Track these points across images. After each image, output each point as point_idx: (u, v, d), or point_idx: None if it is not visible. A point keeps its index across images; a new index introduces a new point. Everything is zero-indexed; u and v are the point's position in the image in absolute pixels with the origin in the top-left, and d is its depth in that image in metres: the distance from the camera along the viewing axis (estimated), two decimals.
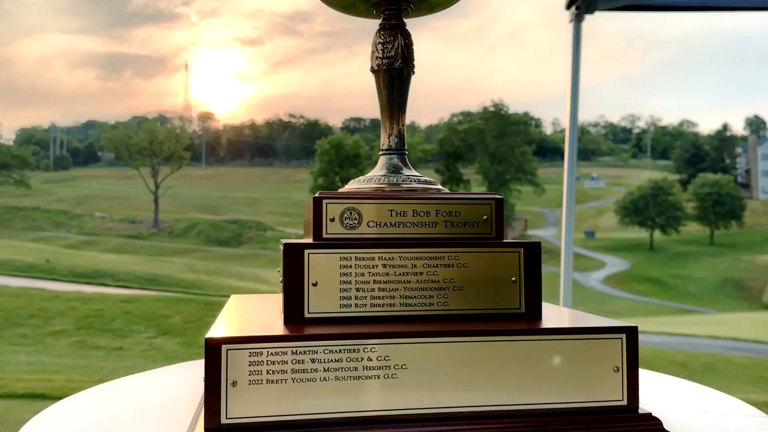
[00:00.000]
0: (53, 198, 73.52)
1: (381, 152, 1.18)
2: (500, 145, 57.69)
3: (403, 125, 1.17)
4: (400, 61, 1.14)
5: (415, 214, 1.00)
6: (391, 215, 1.00)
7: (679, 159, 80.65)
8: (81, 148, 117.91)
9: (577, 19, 3.33)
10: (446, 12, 1.23)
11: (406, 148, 1.18)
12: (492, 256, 0.99)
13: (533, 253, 1.00)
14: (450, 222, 1.01)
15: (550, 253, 53.19)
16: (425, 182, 1.12)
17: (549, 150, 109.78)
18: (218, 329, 0.89)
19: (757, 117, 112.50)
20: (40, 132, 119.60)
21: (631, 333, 0.91)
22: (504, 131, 58.03)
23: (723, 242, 57.14)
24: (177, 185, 70.99)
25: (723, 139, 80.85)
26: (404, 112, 1.17)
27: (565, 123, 3.49)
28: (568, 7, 3.33)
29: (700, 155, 77.29)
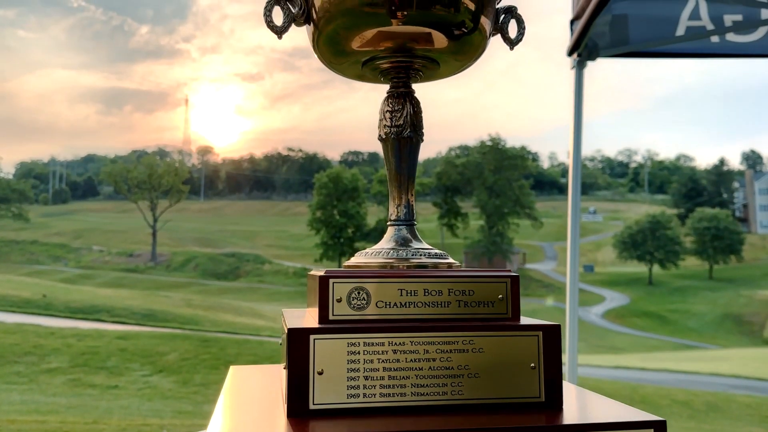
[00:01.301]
0: (51, 231, 73.37)
1: (389, 222, 1.13)
2: (498, 178, 57.93)
3: (413, 195, 1.12)
4: (409, 129, 1.10)
5: (426, 294, 0.95)
6: (401, 294, 0.94)
7: (676, 193, 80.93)
8: (80, 182, 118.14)
9: (579, 66, 3.32)
10: None
11: (415, 218, 1.13)
12: (509, 340, 0.93)
13: (553, 336, 0.94)
14: (463, 302, 0.96)
15: (550, 288, 53.00)
16: (435, 256, 1.07)
17: (546, 183, 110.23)
18: (215, 427, 0.83)
19: (753, 152, 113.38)
20: (39, 166, 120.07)
21: (660, 427, 0.85)
22: (501, 165, 58.30)
23: (722, 277, 57.00)
24: (175, 219, 70.93)
25: (720, 174, 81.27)
26: (413, 181, 1.12)
27: (569, 170, 3.47)
28: (570, 53, 3.33)
29: (698, 189, 77.57)
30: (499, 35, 1.16)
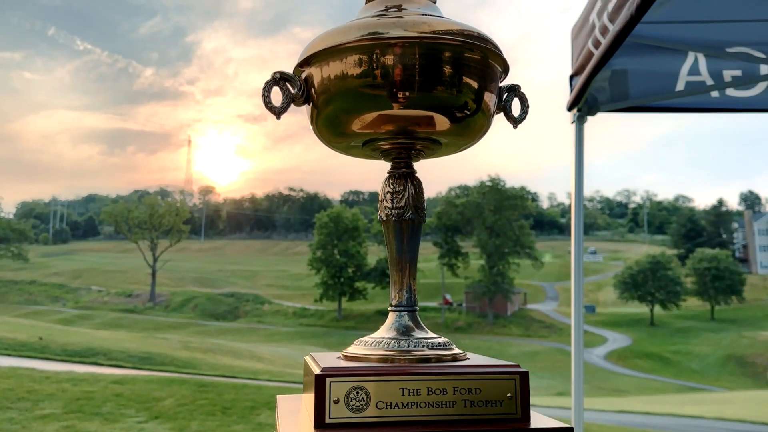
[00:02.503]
0: (50, 271, 73.14)
1: (390, 308, 1.09)
2: (498, 218, 57.96)
3: (414, 279, 1.08)
4: (410, 212, 1.07)
5: (429, 392, 0.90)
6: (403, 394, 0.89)
7: (675, 234, 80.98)
8: (81, 222, 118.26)
9: (579, 121, 3.32)
10: None
11: (417, 304, 1.09)
12: None
13: None
14: (469, 401, 0.90)
15: (551, 328, 52.57)
16: (439, 346, 1.02)
17: (546, 223, 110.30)
18: None
19: (751, 192, 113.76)
20: (40, 205, 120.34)
21: None
22: (501, 205, 58.42)
23: (724, 318, 56.59)
24: (175, 258, 70.78)
25: (719, 214, 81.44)
26: (415, 264, 1.08)
27: (572, 223, 3.44)
28: (570, 108, 3.33)
29: (697, 230, 77.65)
30: (502, 114, 1.14)
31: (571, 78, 3.35)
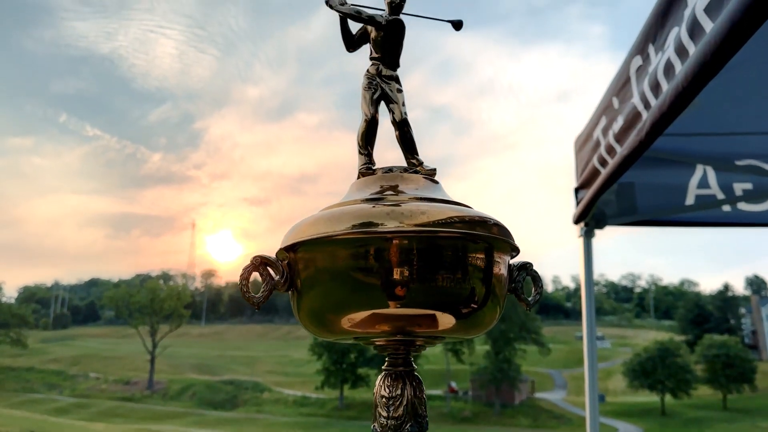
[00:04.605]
0: (49, 357, 71.98)
1: None
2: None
3: None
4: (410, 423, 0.91)
5: None
6: None
7: (683, 319, 79.90)
8: (82, 306, 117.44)
9: (587, 235, 3.20)
10: (443, 172, 1.03)
11: None
12: None
13: None
14: None
15: (561, 419, 50.88)
16: None
17: (551, 308, 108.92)
18: None
19: (757, 277, 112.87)
20: (42, 290, 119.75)
21: None
22: None
23: (737, 407, 54.88)
24: (175, 344, 69.68)
25: (725, 299, 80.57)
26: None
27: (584, 339, 3.28)
28: (576, 222, 3.22)
29: (704, 315, 76.67)
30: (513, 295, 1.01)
31: (576, 190, 3.27)
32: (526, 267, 1.01)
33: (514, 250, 0.98)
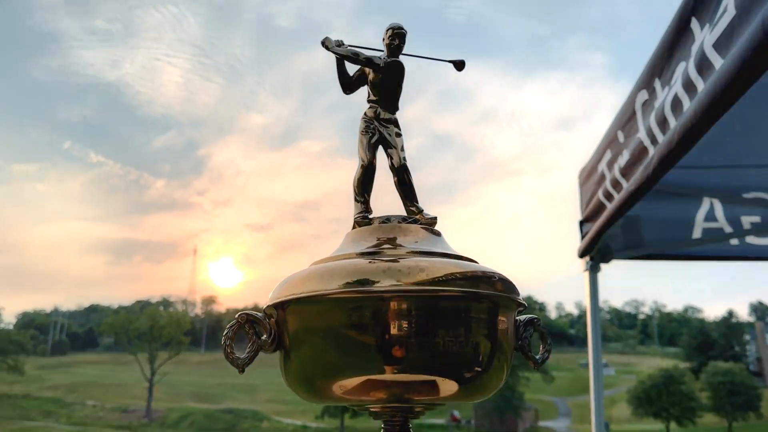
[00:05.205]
0: (46, 384, 71.37)
1: None
2: None
3: None
4: None
5: None
6: None
7: (687, 346, 79.28)
8: (80, 333, 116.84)
9: (592, 270, 3.13)
10: (446, 199, 0.95)
11: None
12: None
13: None
14: None
15: None
16: None
17: (555, 335, 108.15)
18: None
19: (761, 303, 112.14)
20: (41, 316, 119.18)
21: None
22: None
23: None
24: (174, 371, 69.02)
25: (729, 326, 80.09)
26: None
27: (590, 370, 3.21)
28: (581, 255, 3.16)
29: (709, 342, 76.15)
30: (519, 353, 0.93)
31: (581, 223, 3.21)
32: (534, 323, 0.95)
33: (521, 306, 0.91)
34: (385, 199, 1.02)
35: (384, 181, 1.00)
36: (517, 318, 0.93)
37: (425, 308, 0.78)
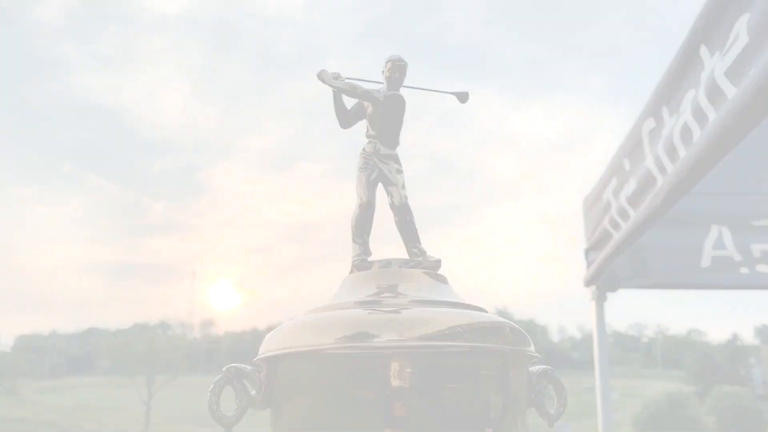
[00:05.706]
0: (43, 407, 70.77)
1: None
2: None
3: None
4: None
5: None
6: None
7: (691, 369, 78.75)
8: (78, 356, 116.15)
9: (599, 299, 3.06)
10: (447, 221, 0.87)
11: None
12: None
13: None
14: None
15: None
16: None
17: (556, 359, 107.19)
18: None
19: (765, 326, 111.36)
20: (39, 338, 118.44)
21: None
22: None
23: None
24: (171, 395, 68.45)
25: (734, 349, 79.59)
26: None
27: (597, 401, 3.13)
28: (587, 284, 3.09)
29: (713, 366, 75.60)
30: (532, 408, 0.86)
31: (587, 251, 3.15)
32: (548, 374, 0.87)
33: (534, 358, 0.83)
34: (385, 239, 0.95)
35: (383, 218, 0.94)
36: (530, 369, 0.85)
37: (429, 365, 0.72)
